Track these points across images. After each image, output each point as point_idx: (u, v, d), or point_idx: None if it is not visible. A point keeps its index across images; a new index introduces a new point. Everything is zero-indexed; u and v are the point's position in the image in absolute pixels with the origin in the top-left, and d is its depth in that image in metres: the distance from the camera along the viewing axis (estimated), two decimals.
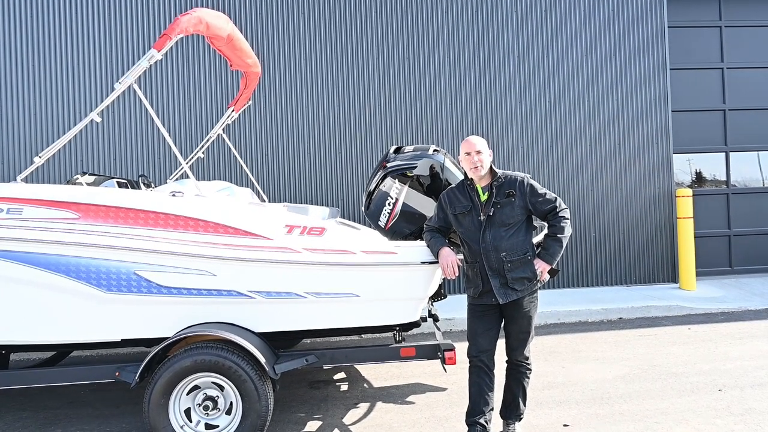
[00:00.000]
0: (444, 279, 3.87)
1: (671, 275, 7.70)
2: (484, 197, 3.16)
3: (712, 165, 8.36)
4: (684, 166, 8.28)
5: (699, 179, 8.35)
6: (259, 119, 7.12)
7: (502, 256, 3.08)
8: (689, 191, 7.34)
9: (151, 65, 3.56)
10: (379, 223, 3.97)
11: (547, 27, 7.57)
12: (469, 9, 7.43)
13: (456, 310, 5.59)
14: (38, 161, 3.49)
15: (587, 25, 7.64)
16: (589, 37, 7.64)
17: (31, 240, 3.24)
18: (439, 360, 3.57)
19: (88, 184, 4.00)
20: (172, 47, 5.92)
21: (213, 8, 6.98)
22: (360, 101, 7.27)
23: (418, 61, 7.35)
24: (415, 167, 3.96)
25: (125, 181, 4.67)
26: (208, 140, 5.49)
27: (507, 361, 3.32)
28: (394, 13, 7.33)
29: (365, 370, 4.77)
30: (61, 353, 4.21)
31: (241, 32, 4.62)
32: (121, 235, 3.27)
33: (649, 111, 7.72)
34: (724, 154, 8.32)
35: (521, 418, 3.35)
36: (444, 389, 4.27)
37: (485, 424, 3.16)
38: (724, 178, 8.35)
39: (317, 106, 7.20)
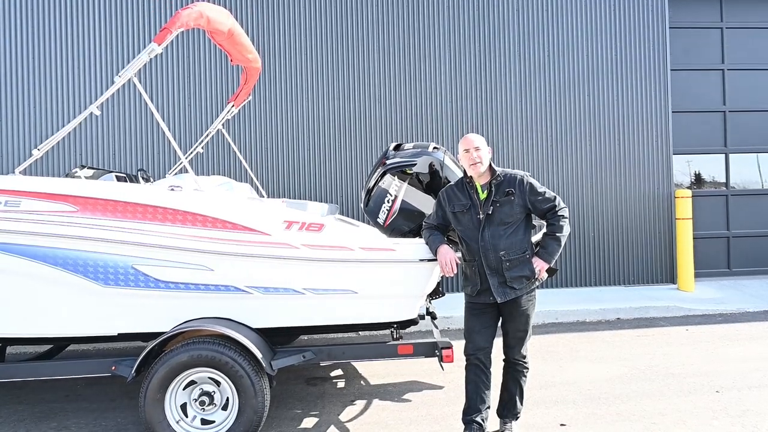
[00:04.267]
0: (442, 277, 3.86)
1: (670, 276, 7.70)
2: (483, 195, 3.15)
3: (711, 166, 8.36)
4: (683, 167, 8.28)
5: (698, 180, 8.35)
6: (258, 115, 7.10)
7: (500, 254, 3.07)
8: (688, 192, 7.34)
9: (151, 59, 3.54)
10: (378, 220, 3.96)
11: (548, 26, 7.55)
12: (473, 7, 7.41)
13: (454, 308, 5.57)
14: (37, 154, 3.47)
15: (589, 24, 7.62)
16: (591, 36, 7.62)
17: (29, 233, 3.22)
18: (436, 358, 3.57)
19: (86, 178, 3.98)
20: (172, 41, 5.91)
21: (214, 2, 6.95)
22: (360, 98, 7.25)
23: (419, 58, 7.33)
24: (415, 164, 3.95)
25: (124, 175, 4.66)
26: (207, 135, 5.47)
27: (504, 360, 3.32)
28: (395, 9, 7.30)
29: (362, 367, 4.77)
30: (57, 347, 4.20)
31: (242, 27, 4.60)
32: (119, 228, 3.25)
33: (649, 111, 7.71)
34: (723, 155, 8.32)
35: (518, 417, 3.34)
36: (441, 387, 4.26)
37: (482, 422, 3.16)
38: (723, 180, 8.35)
39: (317, 103, 7.19)
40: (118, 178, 4.45)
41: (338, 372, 4.70)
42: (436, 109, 7.35)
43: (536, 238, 3.37)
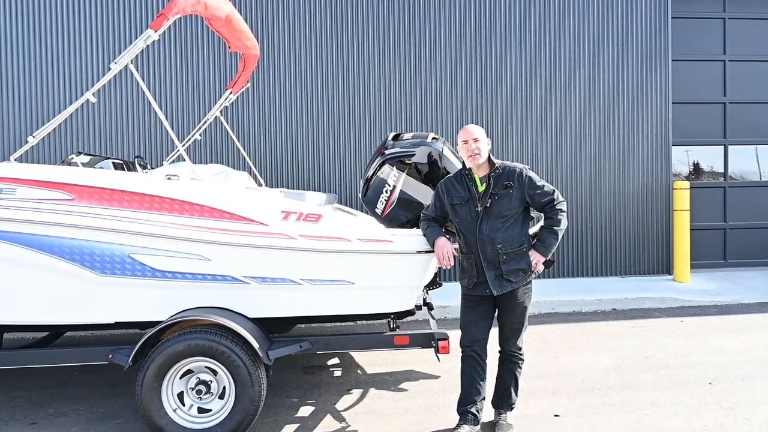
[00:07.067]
0: (439, 267, 3.87)
1: (666, 267, 7.73)
2: (481, 188, 3.14)
3: (710, 158, 8.35)
4: (682, 157, 8.27)
5: (696, 171, 8.35)
6: (257, 102, 7.05)
7: (497, 247, 3.07)
8: (686, 184, 7.34)
9: (148, 45, 3.50)
10: (376, 210, 3.96)
11: (549, 16, 7.48)
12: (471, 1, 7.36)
13: (451, 297, 5.57)
14: (32, 141, 3.44)
15: (590, 12, 7.56)
16: (591, 26, 7.56)
17: (25, 221, 3.21)
18: (432, 348, 3.58)
19: (83, 164, 3.96)
20: (170, 27, 5.83)
21: None
22: (359, 86, 7.20)
23: (418, 46, 7.27)
24: (414, 155, 3.94)
25: (121, 162, 4.63)
26: (205, 122, 5.43)
27: (500, 351, 3.34)
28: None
29: (359, 356, 4.79)
30: (54, 333, 4.21)
31: (240, 13, 4.55)
32: (115, 217, 3.24)
33: (649, 102, 7.68)
34: (722, 147, 8.31)
35: (513, 408, 3.37)
36: (437, 377, 4.29)
37: (476, 413, 3.19)
38: (721, 171, 8.34)
39: (316, 90, 7.13)
40: (115, 165, 4.42)
41: (335, 360, 4.73)
42: (435, 99, 7.31)
43: (534, 229, 3.38)
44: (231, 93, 5.16)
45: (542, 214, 3.26)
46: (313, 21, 7.11)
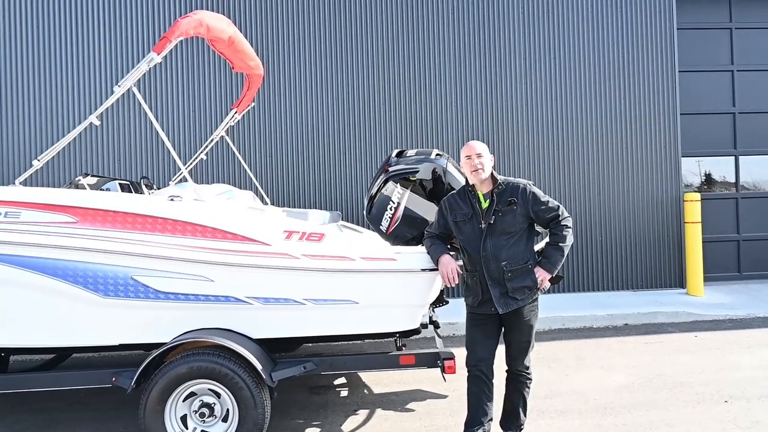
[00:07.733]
0: (445, 285, 3.82)
1: (678, 280, 7.59)
2: (485, 204, 3.11)
3: (721, 168, 8.23)
4: (693, 167, 8.17)
5: (708, 182, 8.23)
6: (261, 121, 7.09)
7: (502, 265, 3.02)
8: (697, 195, 7.23)
9: (152, 68, 3.53)
10: (381, 227, 3.93)
11: (554, 28, 7.48)
12: (475, 11, 7.37)
13: (458, 314, 5.49)
14: (37, 165, 3.47)
15: (595, 26, 7.55)
16: (598, 39, 7.55)
17: (29, 244, 3.22)
18: (438, 368, 3.52)
19: (90, 186, 3.99)
20: (174, 48, 5.90)
21: (214, 10, 6.95)
22: (364, 104, 7.22)
23: (421, 63, 7.29)
24: (417, 171, 3.92)
25: (127, 183, 4.67)
26: (210, 142, 5.46)
27: (507, 371, 3.27)
28: (396, 13, 7.27)
29: (366, 375, 4.73)
30: (61, 355, 4.20)
31: (243, 34, 4.59)
32: (119, 239, 3.24)
33: (657, 113, 7.61)
34: (733, 157, 8.20)
35: (521, 429, 3.29)
36: (444, 396, 4.22)
37: None
38: (733, 181, 8.22)
39: (320, 109, 7.16)
40: (122, 186, 4.46)
41: (341, 380, 4.66)
42: (439, 115, 7.30)
43: (539, 246, 3.32)
44: (236, 112, 5.20)
45: (548, 230, 3.21)
46: (316, 41, 7.17)
